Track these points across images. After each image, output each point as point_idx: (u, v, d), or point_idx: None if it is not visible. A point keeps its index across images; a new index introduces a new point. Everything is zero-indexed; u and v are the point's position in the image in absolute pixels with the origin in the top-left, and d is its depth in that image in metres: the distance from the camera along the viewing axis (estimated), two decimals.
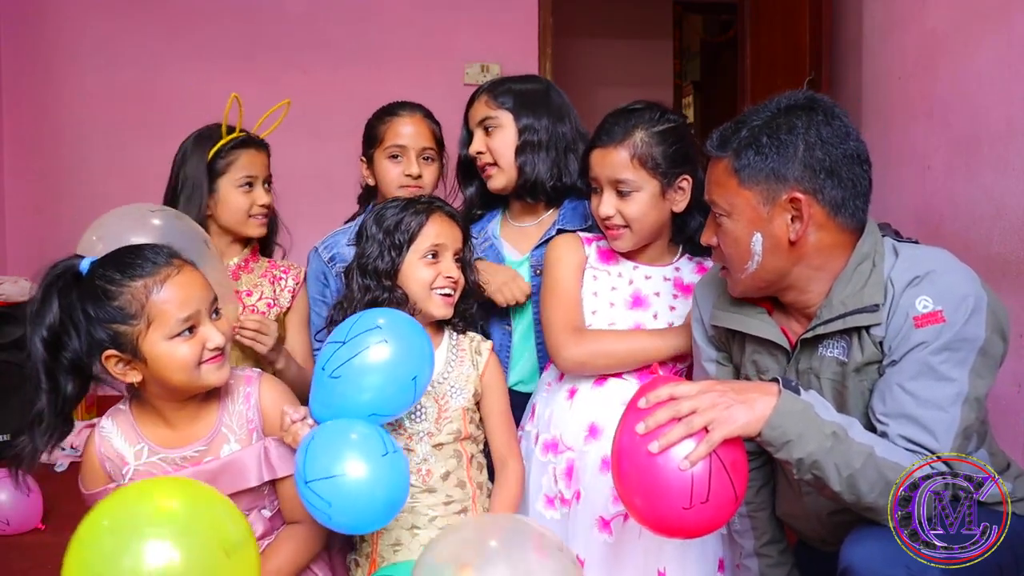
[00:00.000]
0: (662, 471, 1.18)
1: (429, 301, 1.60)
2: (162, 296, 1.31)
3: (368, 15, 4.05)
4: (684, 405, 1.20)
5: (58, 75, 3.96)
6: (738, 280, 1.38)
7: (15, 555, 2.36)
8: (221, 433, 1.44)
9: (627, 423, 1.24)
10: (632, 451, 1.21)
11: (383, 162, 1.99)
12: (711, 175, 1.39)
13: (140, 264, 1.33)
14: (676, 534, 1.23)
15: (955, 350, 1.23)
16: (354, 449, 1.30)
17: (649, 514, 1.21)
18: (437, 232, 1.61)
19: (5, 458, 1.70)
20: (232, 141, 1.87)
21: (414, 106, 2.04)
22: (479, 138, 1.93)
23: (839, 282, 1.32)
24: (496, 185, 1.93)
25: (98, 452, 1.43)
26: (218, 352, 1.35)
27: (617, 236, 1.70)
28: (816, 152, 1.29)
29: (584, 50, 5.58)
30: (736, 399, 1.20)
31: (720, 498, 1.17)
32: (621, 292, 1.74)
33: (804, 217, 1.29)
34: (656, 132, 1.65)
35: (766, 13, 3.58)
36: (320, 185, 3.67)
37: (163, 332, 1.31)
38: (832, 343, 1.34)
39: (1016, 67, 2.02)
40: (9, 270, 3.83)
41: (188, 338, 1.32)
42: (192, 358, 1.32)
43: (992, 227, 2.11)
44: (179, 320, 1.31)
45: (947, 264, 1.30)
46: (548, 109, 1.92)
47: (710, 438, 1.17)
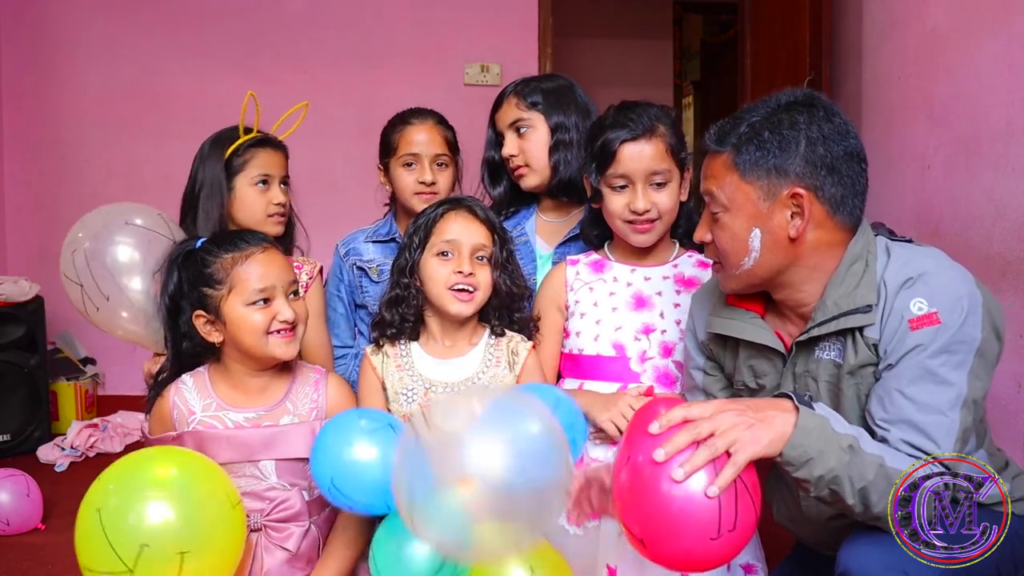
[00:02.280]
0: (685, 501, 1.08)
1: (445, 298, 1.61)
2: (245, 268, 1.53)
3: (368, 15, 4.04)
4: (704, 427, 1.12)
5: (58, 75, 3.96)
6: (732, 276, 1.37)
7: (15, 555, 2.36)
8: (284, 406, 1.59)
9: (633, 451, 1.14)
10: (646, 482, 1.10)
11: (398, 170, 2.02)
12: (709, 170, 1.37)
13: (235, 243, 1.56)
14: (697, 567, 1.13)
15: (952, 352, 1.23)
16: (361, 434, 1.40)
17: (670, 549, 1.11)
18: (451, 228, 1.62)
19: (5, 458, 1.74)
20: (249, 140, 1.88)
21: (426, 113, 2.06)
22: (512, 140, 1.96)
23: (832, 283, 1.32)
24: (530, 184, 1.97)
25: (171, 400, 1.59)
26: (287, 326, 1.53)
27: (647, 230, 1.69)
28: (818, 148, 1.29)
29: (584, 50, 5.58)
30: (755, 418, 1.15)
31: (745, 523, 1.10)
32: (621, 295, 1.74)
33: (805, 213, 1.29)
34: (671, 123, 1.69)
35: (766, 13, 3.58)
36: (320, 185, 3.67)
37: (241, 298, 1.52)
38: (828, 345, 1.33)
39: (1016, 67, 2.02)
40: (9, 270, 3.83)
41: (262, 307, 1.52)
42: (262, 325, 1.52)
43: (992, 227, 2.11)
44: (255, 290, 1.52)
45: (940, 264, 1.29)
46: (576, 106, 1.96)
47: (735, 461, 1.10)
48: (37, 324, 3.43)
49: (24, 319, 3.38)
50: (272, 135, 1.95)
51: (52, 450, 3.31)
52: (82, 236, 1.78)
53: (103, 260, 1.74)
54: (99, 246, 1.75)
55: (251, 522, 1.51)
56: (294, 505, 1.54)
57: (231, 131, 1.91)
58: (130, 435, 3.51)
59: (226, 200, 1.86)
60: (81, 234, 1.79)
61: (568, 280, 1.77)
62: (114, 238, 1.76)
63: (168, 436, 1.57)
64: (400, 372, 1.64)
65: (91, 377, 3.78)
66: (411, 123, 2.03)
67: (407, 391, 1.62)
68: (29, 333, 3.38)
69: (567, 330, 1.77)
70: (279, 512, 1.54)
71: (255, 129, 1.91)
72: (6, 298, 3.35)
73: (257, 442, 1.54)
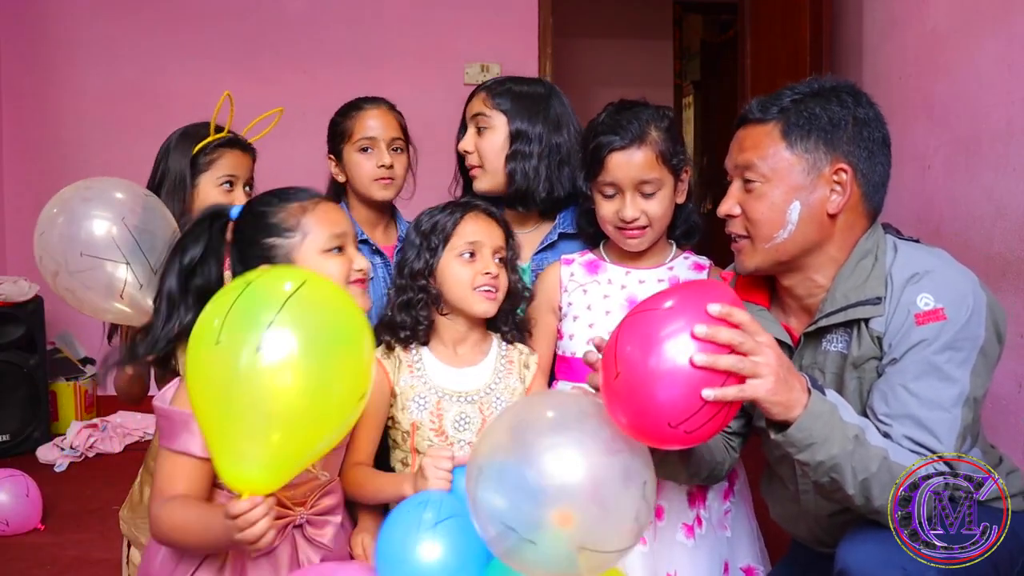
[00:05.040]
0: (681, 377, 1.06)
1: (471, 299, 1.58)
2: (317, 214, 1.41)
3: (368, 15, 4.04)
4: (748, 345, 1.09)
5: (58, 75, 3.96)
6: (759, 250, 1.36)
7: (15, 555, 2.36)
8: None
9: (677, 301, 1.10)
10: (665, 334, 1.06)
11: (354, 155, 1.98)
12: (748, 139, 1.37)
13: (294, 193, 1.44)
14: (637, 431, 1.10)
15: (957, 349, 1.23)
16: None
17: (635, 396, 1.07)
18: (473, 230, 1.60)
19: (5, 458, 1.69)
20: (218, 140, 1.85)
21: (378, 99, 2.03)
22: (470, 135, 1.90)
23: (841, 276, 1.33)
24: (480, 187, 1.89)
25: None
26: (363, 276, 1.44)
27: (638, 236, 1.66)
28: (863, 130, 1.33)
29: (584, 50, 5.58)
30: (784, 375, 1.13)
31: (699, 436, 1.09)
32: (615, 299, 1.71)
33: (847, 190, 1.31)
34: (665, 128, 1.65)
35: (766, 13, 3.57)
36: (320, 185, 3.66)
37: (317, 245, 1.39)
38: (835, 337, 1.34)
39: (1016, 67, 2.02)
40: (9, 270, 3.83)
41: (338, 255, 1.41)
42: (342, 274, 1.40)
43: (992, 227, 2.11)
44: (332, 235, 1.40)
45: (946, 262, 1.31)
46: (545, 117, 1.86)
47: (745, 389, 1.09)
48: (36, 324, 3.44)
49: (24, 319, 3.38)
50: (242, 137, 1.92)
51: (51, 450, 3.31)
52: (56, 212, 1.67)
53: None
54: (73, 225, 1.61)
55: (296, 517, 1.38)
56: (332, 498, 1.43)
57: (201, 127, 1.88)
58: (130, 435, 3.51)
59: (188, 197, 1.82)
60: (55, 209, 1.67)
61: (563, 281, 1.75)
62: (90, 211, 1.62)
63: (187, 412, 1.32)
64: (412, 378, 1.61)
65: (91, 377, 3.78)
66: (365, 108, 1.99)
67: (420, 398, 1.59)
68: (29, 333, 3.39)
69: (560, 332, 1.76)
70: (319, 506, 1.41)
71: (226, 129, 1.88)
72: (6, 298, 3.35)
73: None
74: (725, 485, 1.68)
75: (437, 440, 1.57)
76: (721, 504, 1.66)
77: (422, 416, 1.58)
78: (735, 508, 1.68)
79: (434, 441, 1.57)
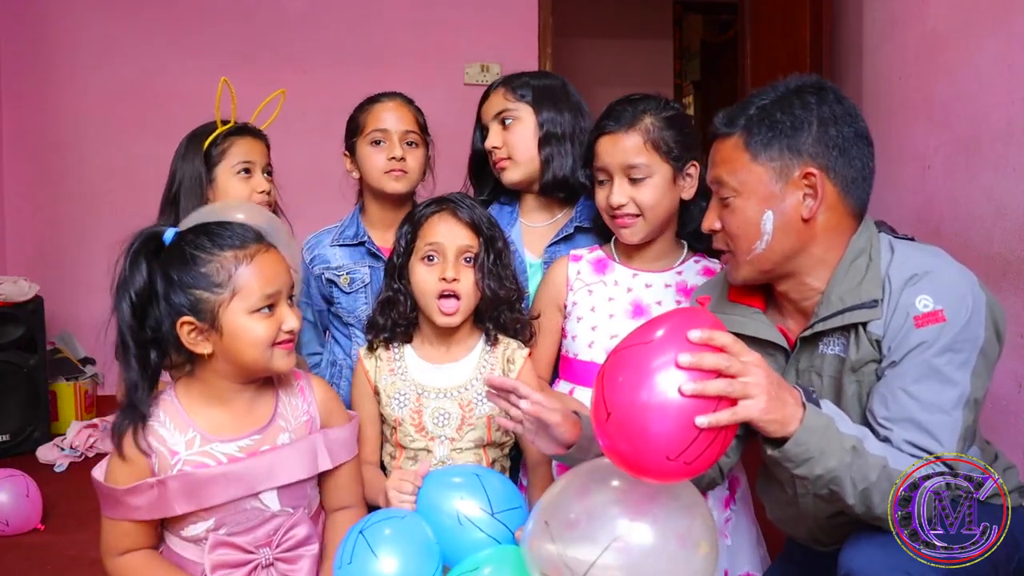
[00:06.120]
0: (673, 409, 1.04)
1: (432, 307, 1.57)
2: (250, 270, 1.32)
3: (368, 15, 4.05)
4: (735, 366, 1.08)
5: (58, 75, 3.96)
6: (742, 263, 1.36)
7: (15, 555, 2.36)
8: (277, 424, 1.42)
9: (661, 336, 1.08)
10: (652, 369, 1.05)
11: (365, 148, 1.93)
12: (718, 154, 1.37)
13: (231, 237, 1.34)
14: (633, 467, 1.08)
15: (957, 351, 1.23)
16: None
17: (628, 435, 1.06)
18: (434, 232, 1.57)
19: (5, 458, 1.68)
20: (227, 130, 1.85)
21: (394, 93, 2.00)
22: (495, 131, 1.88)
23: (835, 277, 1.32)
24: (511, 178, 1.88)
25: (146, 447, 1.34)
26: (291, 337, 1.36)
27: (629, 225, 1.64)
28: (830, 129, 1.30)
29: (584, 50, 5.58)
30: (776, 393, 1.12)
31: (699, 465, 1.07)
32: (620, 302, 1.70)
33: (818, 193, 1.29)
34: (665, 117, 1.63)
35: (766, 13, 3.58)
36: (320, 185, 3.65)
37: (246, 305, 1.32)
38: (832, 340, 1.33)
39: (1016, 67, 2.02)
40: (9, 270, 3.82)
41: (267, 315, 1.33)
42: (268, 336, 1.33)
43: (992, 227, 2.11)
44: (263, 295, 1.32)
45: (945, 262, 1.29)
46: (568, 103, 1.89)
47: (738, 411, 1.07)
48: (36, 324, 3.43)
49: (23, 319, 3.38)
50: (251, 124, 1.91)
51: (51, 450, 3.30)
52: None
53: None
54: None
55: (261, 558, 1.37)
56: (302, 530, 1.40)
57: (207, 126, 1.87)
58: None
59: (207, 192, 1.81)
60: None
61: (569, 278, 1.74)
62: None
63: (145, 484, 1.33)
64: (393, 376, 1.62)
65: (90, 377, 3.78)
66: (379, 101, 1.96)
67: (399, 395, 1.61)
68: (28, 333, 3.38)
69: (564, 331, 1.75)
70: (287, 542, 1.39)
71: (232, 119, 1.87)
72: (6, 298, 3.35)
73: (259, 473, 1.36)
74: (726, 493, 1.67)
75: (418, 436, 1.59)
76: (721, 512, 1.66)
77: (403, 413, 1.60)
78: (736, 516, 1.67)
79: (415, 437, 1.59)
